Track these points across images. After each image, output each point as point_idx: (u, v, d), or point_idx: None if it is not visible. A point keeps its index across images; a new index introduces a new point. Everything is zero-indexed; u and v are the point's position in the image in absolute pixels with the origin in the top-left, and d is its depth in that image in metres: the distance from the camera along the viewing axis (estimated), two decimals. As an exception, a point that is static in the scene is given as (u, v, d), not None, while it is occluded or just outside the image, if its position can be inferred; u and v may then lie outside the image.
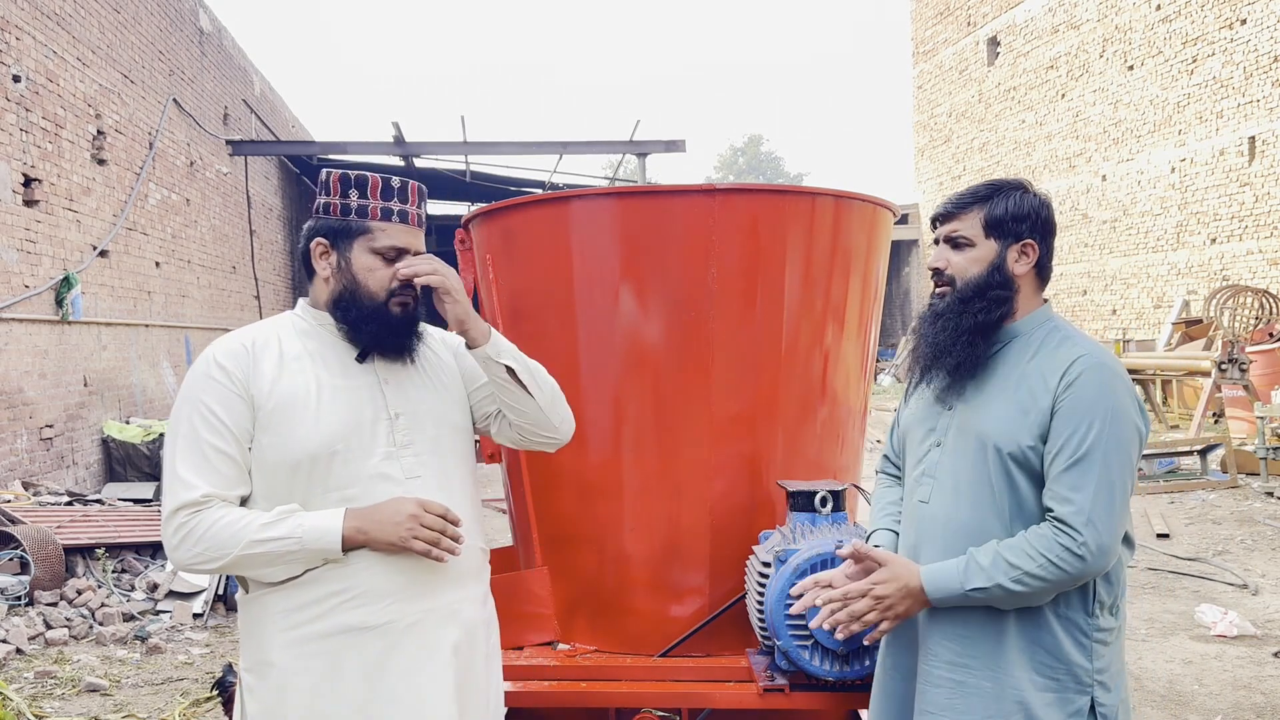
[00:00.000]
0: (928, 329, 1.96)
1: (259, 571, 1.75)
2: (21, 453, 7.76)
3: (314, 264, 1.88)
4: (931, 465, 1.96)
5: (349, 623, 1.76)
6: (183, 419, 1.78)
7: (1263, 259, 15.11)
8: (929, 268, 2.00)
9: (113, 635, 5.31)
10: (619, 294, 2.65)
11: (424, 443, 1.87)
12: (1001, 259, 1.92)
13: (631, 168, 24.07)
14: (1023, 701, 1.82)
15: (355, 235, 1.85)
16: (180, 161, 12.10)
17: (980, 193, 1.95)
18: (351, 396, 1.83)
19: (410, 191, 1.89)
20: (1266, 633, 5.19)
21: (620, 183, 26.25)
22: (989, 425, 1.86)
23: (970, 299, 1.91)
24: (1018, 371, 1.88)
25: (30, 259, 8.09)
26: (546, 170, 18.28)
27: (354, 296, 1.84)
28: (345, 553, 1.75)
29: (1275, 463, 9.30)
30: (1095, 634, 1.84)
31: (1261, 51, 14.98)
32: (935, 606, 1.85)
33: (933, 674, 1.90)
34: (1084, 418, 1.77)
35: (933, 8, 25.19)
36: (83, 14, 9.28)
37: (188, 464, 1.74)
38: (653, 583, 2.70)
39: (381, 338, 1.85)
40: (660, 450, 2.66)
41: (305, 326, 1.90)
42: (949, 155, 24.83)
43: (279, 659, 1.77)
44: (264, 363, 1.81)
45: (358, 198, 1.85)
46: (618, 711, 2.57)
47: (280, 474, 1.78)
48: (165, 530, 1.75)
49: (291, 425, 1.77)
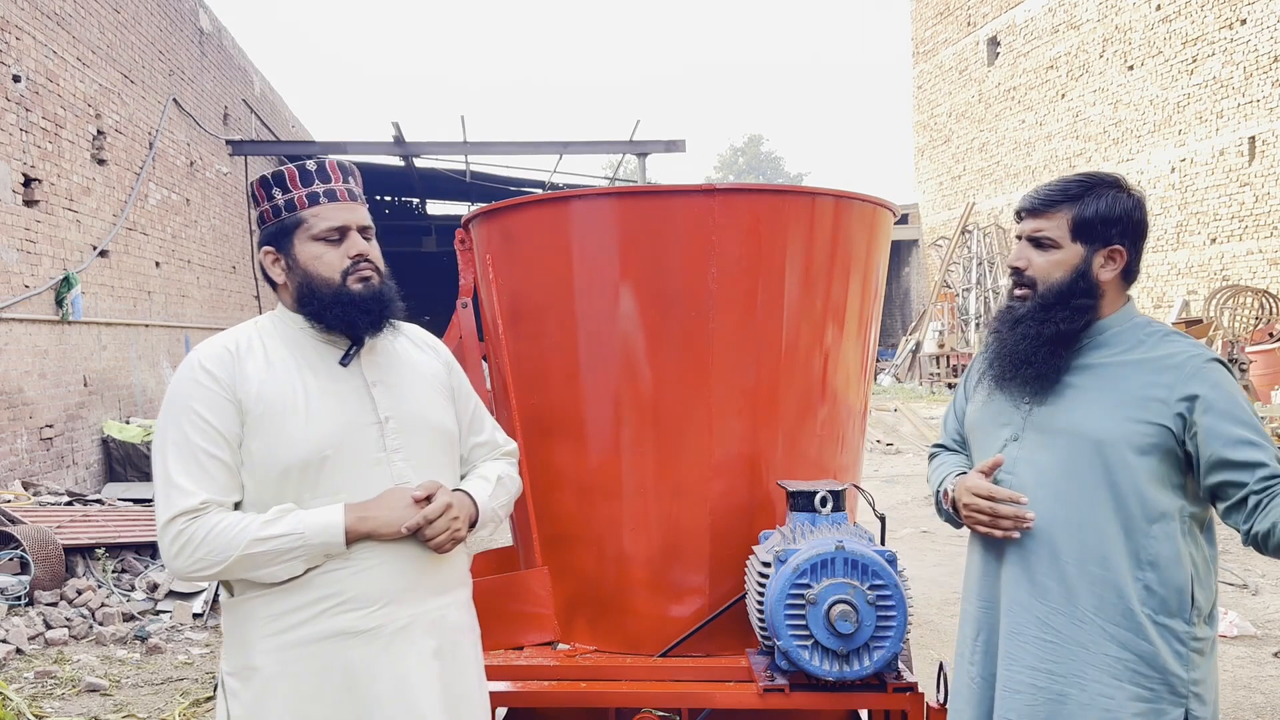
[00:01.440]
0: (1006, 332, 1.88)
1: (261, 573, 1.72)
2: (21, 453, 7.76)
3: (269, 274, 1.87)
4: (1009, 463, 1.88)
5: (336, 628, 1.75)
6: (172, 425, 1.75)
7: (1263, 259, 15.11)
8: (1009, 265, 1.90)
9: (113, 635, 5.31)
10: (619, 294, 2.65)
11: (413, 447, 1.86)
12: (1087, 264, 1.83)
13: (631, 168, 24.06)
14: (1111, 711, 1.74)
15: (292, 230, 1.83)
16: (180, 161, 12.10)
17: (1071, 190, 1.84)
18: (340, 400, 1.81)
19: (330, 169, 1.86)
20: (1266, 633, 5.19)
21: (620, 183, 26.25)
22: (1085, 421, 1.79)
23: (1052, 305, 1.82)
24: (1114, 365, 1.81)
25: (30, 259, 8.09)
26: (546, 170, 18.29)
27: (311, 287, 1.81)
28: (349, 546, 1.74)
29: (1275, 463, 9.30)
30: (1192, 642, 1.76)
31: (1261, 51, 14.98)
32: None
33: (1014, 679, 1.82)
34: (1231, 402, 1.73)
35: (933, 8, 25.19)
36: (83, 14, 9.28)
37: (182, 470, 1.72)
38: (653, 583, 2.70)
39: (352, 318, 1.81)
40: (660, 450, 2.66)
41: (286, 331, 1.87)
42: (949, 155, 24.83)
43: (263, 664, 1.75)
44: (249, 366, 1.79)
45: (281, 194, 1.83)
46: (618, 711, 2.57)
47: (270, 478, 1.75)
48: (163, 539, 1.72)
49: (281, 430, 1.75)
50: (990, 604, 1.92)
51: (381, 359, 1.90)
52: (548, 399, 2.78)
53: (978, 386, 2.03)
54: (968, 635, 1.99)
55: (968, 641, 1.98)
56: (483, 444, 2.07)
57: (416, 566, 1.80)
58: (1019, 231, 1.91)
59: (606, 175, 33.58)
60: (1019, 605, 1.84)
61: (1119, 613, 1.76)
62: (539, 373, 2.80)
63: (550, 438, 2.78)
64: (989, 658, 1.91)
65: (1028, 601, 1.83)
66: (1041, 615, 1.81)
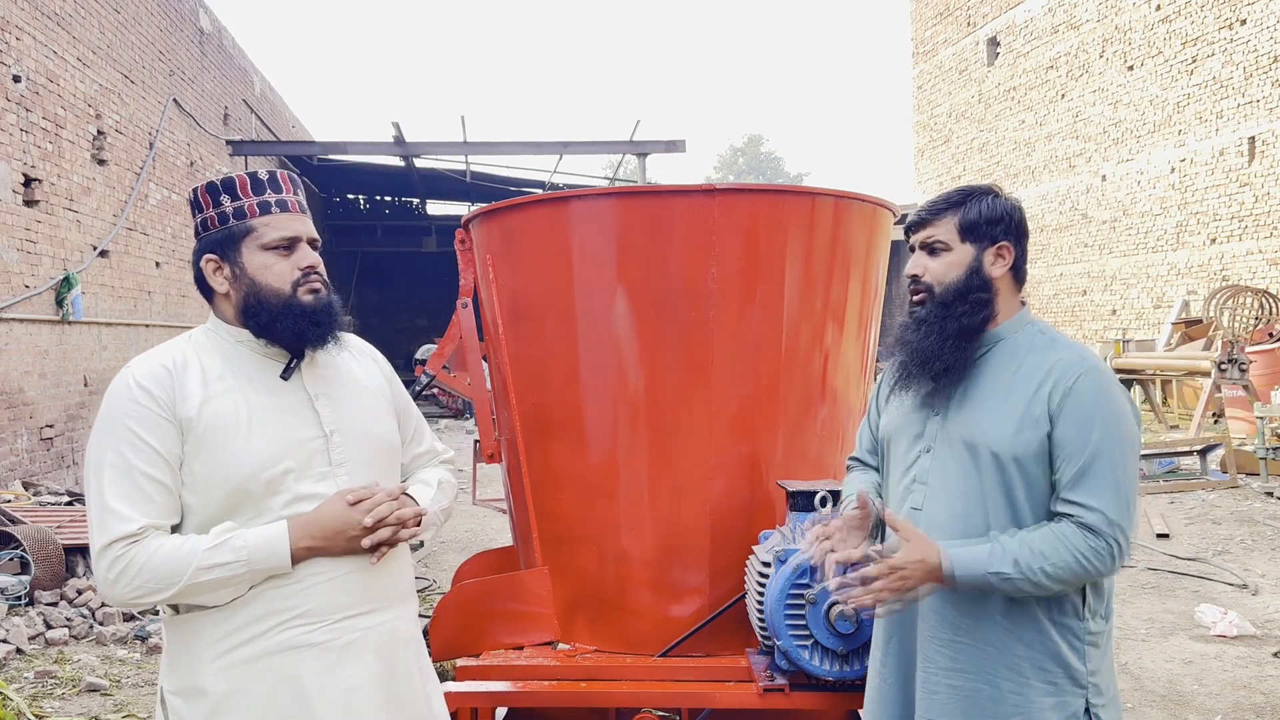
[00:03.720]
0: (911, 335, 1.97)
1: (204, 597, 1.68)
2: (21, 453, 7.76)
3: (210, 282, 1.80)
4: (922, 472, 1.97)
5: (286, 642, 1.71)
6: (108, 447, 1.68)
7: (1262, 259, 15.11)
8: (906, 274, 1.99)
9: (113, 635, 5.31)
10: (619, 294, 2.65)
11: (358, 460, 1.81)
12: (979, 262, 1.93)
13: (631, 168, 24.06)
14: (1022, 706, 1.84)
15: (241, 238, 1.77)
16: (180, 161, 12.11)
17: (953, 199, 1.97)
18: (284, 416, 1.76)
19: (281, 180, 1.82)
20: (1266, 633, 5.19)
21: (620, 183, 26.25)
22: (982, 431, 1.88)
23: (952, 303, 1.92)
24: (1007, 376, 1.89)
25: (30, 259, 8.09)
26: (546, 170, 18.30)
27: (259, 298, 1.75)
28: (294, 565, 1.71)
29: (1275, 463, 9.30)
30: (1087, 637, 1.87)
31: (1261, 52, 14.98)
32: (948, 586, 1.83)
33: (931, 681, 1.92)
34: (1087, 423, 1.80)
35: (933, 8, 25.19)
36: (83, 14, 9.28)
37: (118, 494, 1.65)
38: (653, 583, 2.71)
39: (302, 329, 1.76)
40: (660, 450, 2.66)
41: (223, 344, 1.80)
42: (949, 155, 24.83)
43: (211, 685, 1.70)
44: (189, 384, 1.72)
45: (230, 201, 1.78)
46: (618, 711, 2.57)
47: (213, 498, 1.70)
48: (98, 566, 1.65)
49: (224, 449, 1.69)
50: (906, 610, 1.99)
51: (323, 372, 1.84)
52: (548, 399, 2.78)
53: (890, 398, 2.10)
54: (879, 641, 2.08)
55: (879, 648, 2.07)
56: (423, 454, 2.05)
57: (365, 580, 1.77)
58: (911, 243, 2.02)
59: (606, 175, 33.58)
60: (934, 611, 1.93)
61: (1023, 614, 1.86)
62: (539, 373, 2.80)
63: (550, 438, 2.78)
64: (902, 660, 2.00)
65: (941, 607, 1.92)
66: (954, 620, 1.90)
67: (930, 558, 1.81)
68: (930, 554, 1.81)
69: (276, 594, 1.71)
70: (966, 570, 1.80)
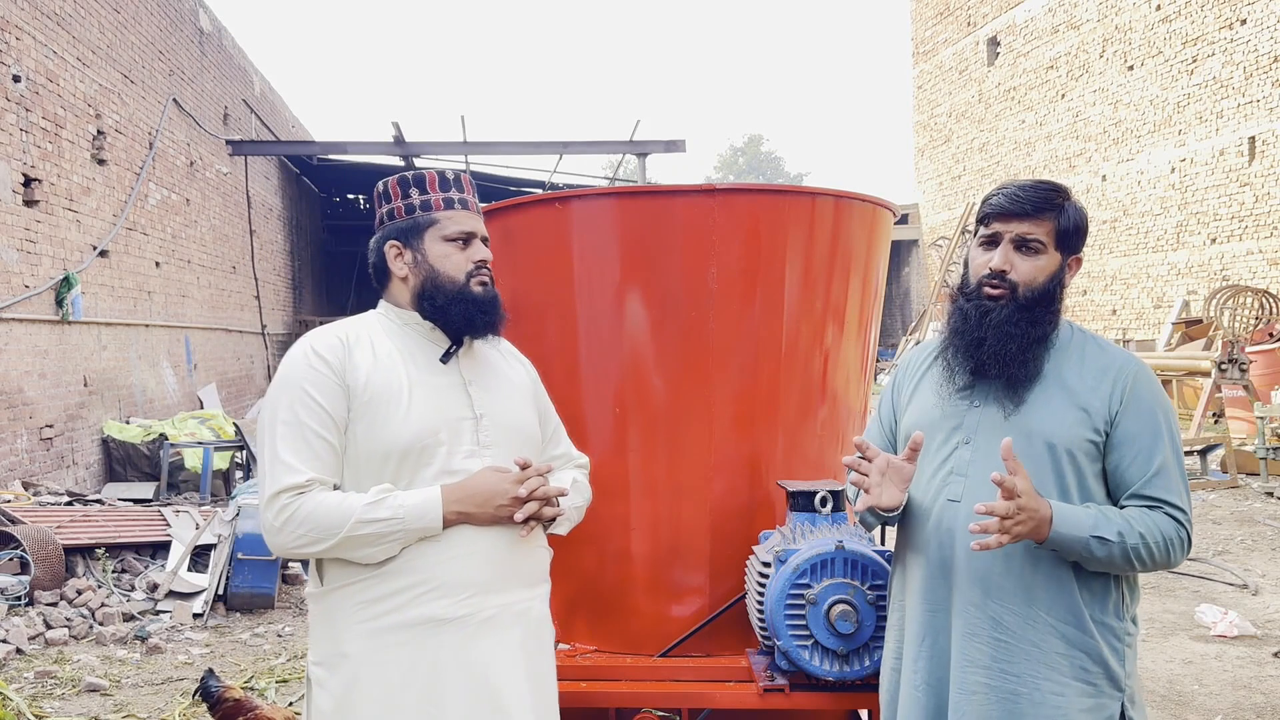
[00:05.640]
0: (981, 332, 1.88)
1: (359, 553, 1.78)
2: (21, 453, 7.76)
3: (390, 266, 1.96)
4: (961, 464, 1.91)
5: (425, 615, 1.80)
6: (283, 405, 1.82)
7: (1263, 259, 15.11)
8: (990, 266, 1.89)
9: (113, 635, 5.31)
10: (619, 294, 2.65)
11: (504, 444, 1.93)
12: (1062, 270, 1.91)
13: (631, 168, 24.05)
14: (1062, 708, 1.81)
15: (425, 228, 1.94)
16: (180, 161, 12.11)
17: (1054, 199, 1.88)
18: (439, 395, 1.90)
19: (464, 181, 1.99)
20: (1266, 633, 5.19)
21: (620, 183, 26.25)
22: (1043, 424, 1.85)
23: (1033, 308, 1.87)
24: (1066, 372, 1.88)
25: (30, 259, 8.09)
26: (546, 170, 18.29)
27: (436, 283, 1.92)
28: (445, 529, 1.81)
29: (1275, 463, 9.31)
30: (1125, 638, 1.86)
31: (1261, 51, 14.99)
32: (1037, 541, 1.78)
33: (969, 681, 1.86)
34: (1153, 421, 1.84)
35: (933, 8, 25.20)
36: (83, 14, 9.28)
37: (290, 449, 1.79)
38: (653, 583, 2.71)
39: (471, 316, 1.92)
40: (660, 450, 2.66)
41: (392, 326, 1.96)
42: (949, 155, 24.84)
43: (355, 650, 1.80)
44: (358, 356, 1.87)
45: (419, 195, 1.95)
46: (618, 711, 2.57)
47: (370, 465, 1.83)
48: (266, 513, 1.78)
49: (384, 418, 1.83)
50: (938, 607, 1.93)
51: (477, 362, 2.00)
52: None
53: (915, 392, 2.06)
54: (911, 640, 1.99)
55: (911, 647, 1.98)
56: (559, 456, 2.18)
57: (506, 557, 1.87)
58: (996, 231, 1.90)
59: (606, 175, 33.58)
60: (974, 606, 1.87)
61: (1068, 610, 1.83)
62: (539, 373, 2.79)
63: (550, 438, 2.78)
64: (935, 663, 1.94)
65: (982, 602, 1.86)
66: (996, 615, 1.85)
67: (1043, 509, 1.75)
68: (1043, 505, 1.76)
69: (420, 563, 1.80)
70: (1069, 529, 1.76)
